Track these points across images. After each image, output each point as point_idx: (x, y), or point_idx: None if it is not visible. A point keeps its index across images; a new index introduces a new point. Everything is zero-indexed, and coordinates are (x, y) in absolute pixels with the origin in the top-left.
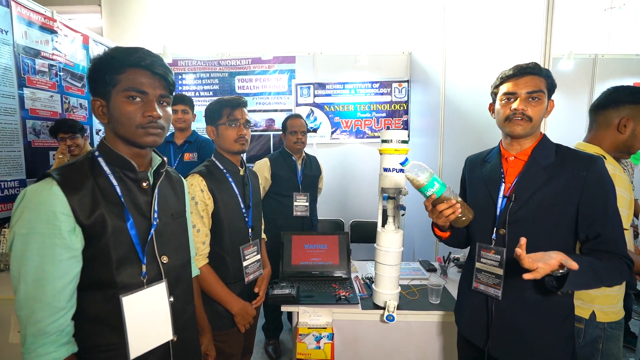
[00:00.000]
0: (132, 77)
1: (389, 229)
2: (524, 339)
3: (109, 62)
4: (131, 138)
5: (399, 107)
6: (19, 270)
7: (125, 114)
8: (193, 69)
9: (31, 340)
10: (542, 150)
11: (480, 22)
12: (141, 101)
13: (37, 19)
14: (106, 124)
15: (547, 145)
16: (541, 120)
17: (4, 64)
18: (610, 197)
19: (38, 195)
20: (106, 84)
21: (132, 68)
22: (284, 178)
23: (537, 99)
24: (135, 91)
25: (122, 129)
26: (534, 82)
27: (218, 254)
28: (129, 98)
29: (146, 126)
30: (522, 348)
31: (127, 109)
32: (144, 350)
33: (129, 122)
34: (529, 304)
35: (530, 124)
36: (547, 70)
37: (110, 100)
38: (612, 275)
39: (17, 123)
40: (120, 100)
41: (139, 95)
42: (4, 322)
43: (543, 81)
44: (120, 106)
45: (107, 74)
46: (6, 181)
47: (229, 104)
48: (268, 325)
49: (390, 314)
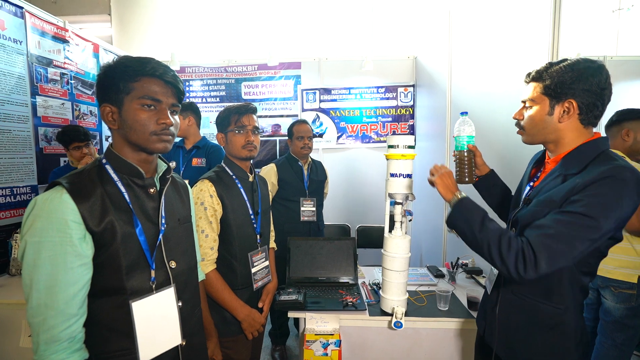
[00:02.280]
0: (147, 86)
1: (396, 235)
2: (518, 339)
3: (124, 70)
4: (143, 144)
5: (405, 112)
6: (31, 278)
7: (140, 121)
8: (200, 75)
9: (44, 348)
10: (573, 158)
11: (486, 25)
12: (154, 109)
13: (49, 29)
14: (116, 130)
15: (584, 154)
16: (543, 127)
17: (18, 73)
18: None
19: (49, 203)
20: (119, 91)
21: (147, 77)
22: (291, 183)
23: (528, 106)
24: (150, 99)
25: (135, 136)
26: (529, 89)
27: (226, 260)
28: (144, 106)
29: (159, 133)
30: (521, 349)
31: (142, 116)
32: (154, 354)
33: (143, 129)
34: (517, 305)
35: (527, 134)
36: (551, 72)
37: (122, 107)
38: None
39: (30, 130)
40: (135, 108)
41: (153, 103)
42: (15, 327)
43: (539, 86)
44: (134, 113)
45: (121, 82)
46: (18, 187)
47: (236, 111)
48: (275, 331)
49: (398, 320)
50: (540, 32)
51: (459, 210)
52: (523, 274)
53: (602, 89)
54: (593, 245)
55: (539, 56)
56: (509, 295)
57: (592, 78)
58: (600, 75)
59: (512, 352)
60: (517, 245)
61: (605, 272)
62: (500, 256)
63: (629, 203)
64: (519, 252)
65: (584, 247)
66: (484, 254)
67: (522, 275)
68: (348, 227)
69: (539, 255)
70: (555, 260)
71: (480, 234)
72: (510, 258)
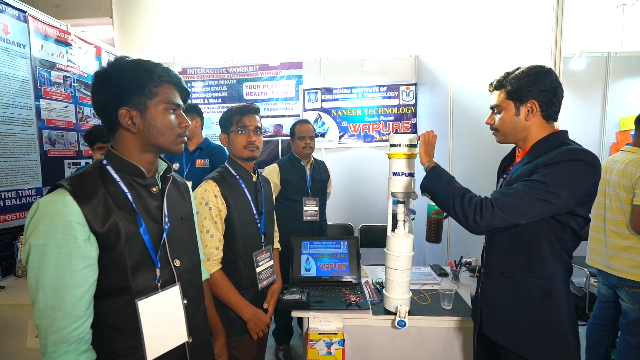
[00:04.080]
0: (169, 91)
1: (400, 234)
2: (508, 317)
3: (149, 76)
4: (168, 146)
5: (407, 110)
6: (36, 281)
7: (168, 125)
8: (202, 76)
9: (52, 349)
10: (538, 147)
11: (488, 22)
12: (175, 113)
13: (52, 32)
14: (135, 133)
15: (548, 143)
16: (513, 126)
17: (22, 76)
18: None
19: (52, 206)
20: (143, 96)
21: (168, 83)
22: (293, 183)
23: (497, 112)
24: (174, 104)
25: (162, 138)
26: (494, 96)
27: (231, 260)
28: (169, 110)
29: (182, 135)
30: (509, 328)
31: (170, 119)
32: (161, 352)
33: (170, 132)
34: (502, 284)
35: (500, 133)
36: (509, 80)
37: (146, 112)
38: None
39: (34, 133)
40: (162, 112)
41: (175, 108)
42: (22, 327)
43: (503, 92)
44: (162, 117)
45: (146, 87)
46: (24, 189)
47: (238, 112)
48: (278, 331)
49: (401, 319)
50: (543, 28)
51: (432, 173)
52: (479, 221)
53: (554, 88)
54: (549, 210)
55: (542, 52)
56: (493, 275)
57: (545, 80)
58: (550, 77)
59: (506, 333)
60: (478, 199)
61: (620, 271)
62: (462, 208)
63: (586, 178)
64: (477, 204)
65: (538, 208)
66: (450, 210)
67: (477, 222)
68: (351, 227)
69: (496, 206)
70: (510, 212)
71: (446, 191)
72: (470, 209)
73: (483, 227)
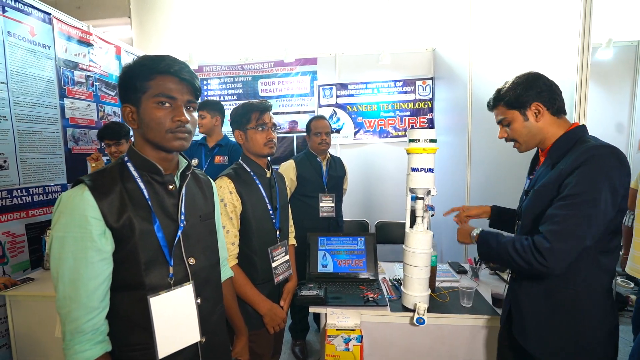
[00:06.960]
0: (162, 83)
1: (418, 230)
2: (537, 325)
3: (139, 70)
4: (160, 142)
5: (424, 105)
6: (57, 271)
7: (155, 119)
8: (218, 74)
9: (69, 337)
10: (556, 148)
11: (510, 13)
12: (170, 107)
13: (75, 33)
14: (136, 129)
15: (564, 143)
16: (527, 131)
17: (47, 76)
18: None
19: (72, 200)
20: (136, 91)
21: (161, 75)
22: (310, 179)
23: (505, 124)
24: (164, 97)
25: (152, 134)
26: (497, 112)
27: (246, 255)
28: (159, 104)
29: (175, 130)
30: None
31: (157, 114)
32: (172, 350)
33: (158, 127)
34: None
35: (519, 143)
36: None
37: (140, 106)
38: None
39: (59, 131)
40: (151, 106)
41: (168, 101)
42: (51, 318)
43: (502, 106)
44: (150, 112)
45: (137, 81)
46: (50, 185)
47: (257, 108)
48: (295, 326)
49: (420, 316)
50: (569, 17)
51: (481, 243)
52: (545, 263)
53: (549, 86)
54: (602, 217)
55: (568, 43)
56: (525, 282)
57: (538, 82)
58: (540, 79)
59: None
60: (528, 243)
61: None
62: (522, 258)
63: (616, 173)
64: (530, 248)
65: (586, 222)
66: (513, 266)
67: (544, 265)
68: (367, 223)
69: (552, 241)
70: (569, 242)
71: (500, 253)
72: (528, 255)
73: (554, 265)
